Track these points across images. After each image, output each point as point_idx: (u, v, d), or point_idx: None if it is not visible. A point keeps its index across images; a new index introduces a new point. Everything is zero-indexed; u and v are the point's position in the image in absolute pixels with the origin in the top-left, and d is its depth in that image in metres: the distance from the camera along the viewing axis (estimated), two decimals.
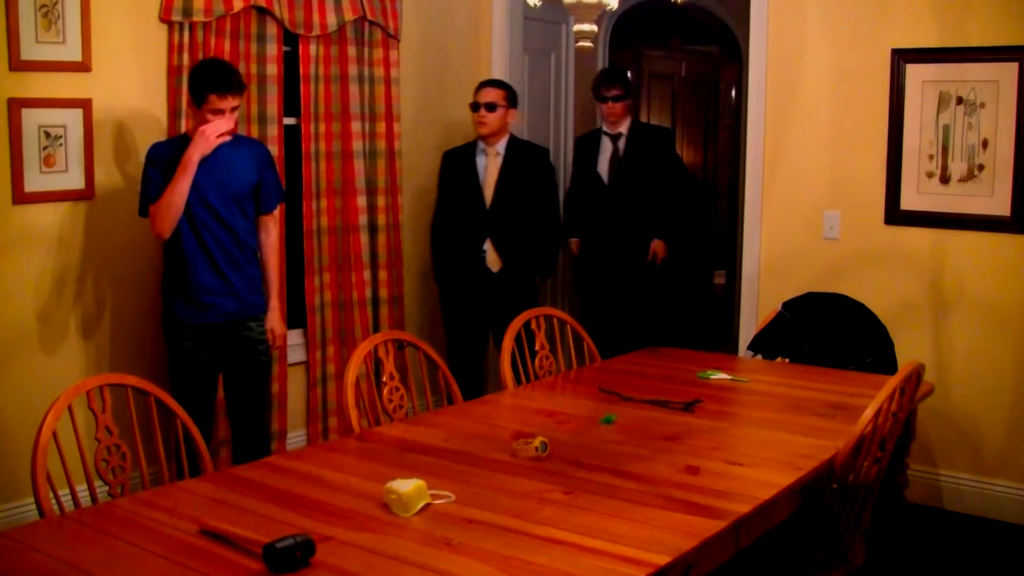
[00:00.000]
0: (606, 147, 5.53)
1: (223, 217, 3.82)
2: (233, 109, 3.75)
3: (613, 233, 5.49)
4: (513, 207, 4.99)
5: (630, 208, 5.46)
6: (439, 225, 5.16)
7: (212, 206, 3.77)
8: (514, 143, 5.06)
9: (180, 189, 3.68)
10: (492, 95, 4.96)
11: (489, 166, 5.00)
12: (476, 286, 5.01)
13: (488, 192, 4.98)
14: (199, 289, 3.81)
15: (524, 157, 5.04)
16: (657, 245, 5.49)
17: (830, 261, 4.70)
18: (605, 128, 5.57)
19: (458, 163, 5.07)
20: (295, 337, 4.80)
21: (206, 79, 3.72)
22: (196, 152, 3.66)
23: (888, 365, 3.90)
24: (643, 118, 7.14)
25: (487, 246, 4.98)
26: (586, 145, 5.65)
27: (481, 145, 5.04)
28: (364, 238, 4.94)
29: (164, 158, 3.72)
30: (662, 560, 2.03)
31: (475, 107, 4.97)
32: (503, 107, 4.96)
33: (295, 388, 4.82)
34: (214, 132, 3.67)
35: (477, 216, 4.98)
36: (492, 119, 4.94)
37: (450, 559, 2.04)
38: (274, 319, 4.07)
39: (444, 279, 5.16)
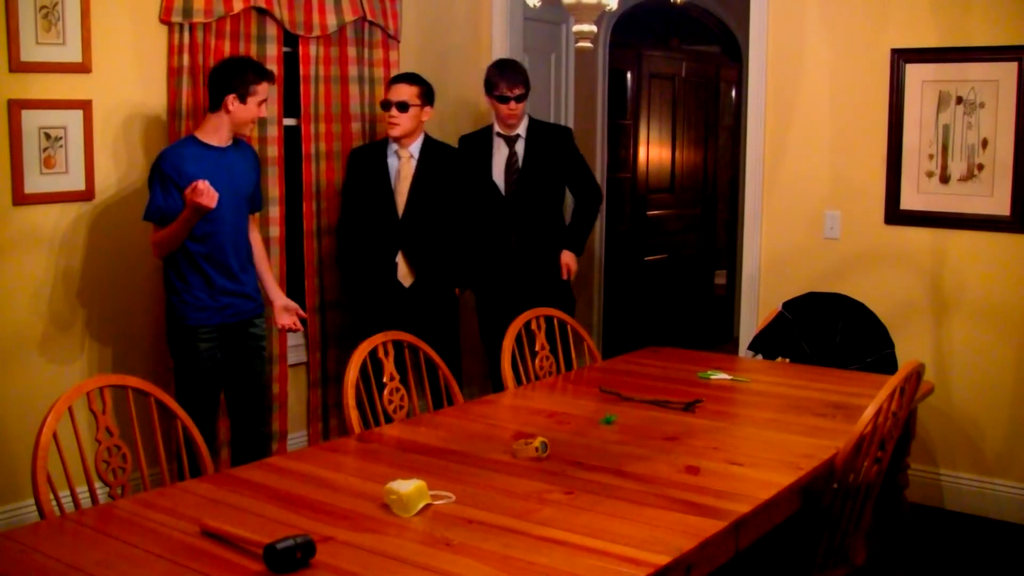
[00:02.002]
0: (500, 151, 4.87)
1: (234, 219, 3.86)
2: None
3: (516, 250, 4.86)
4: (428, 215, 4.50)
5: (534, 220, 4.84)
6: (345, 233, 4.61)
7: (224, 208, 3.79)
8: (429, 144, 4.55)
9: (177, 236, 3.72)
10: (405, 92, 4.42)
11: (402, 170, 4.49)
12: (388, 302, 4.52)
13: (400, 199, 4.48)
14: (216, 290, 3.83)
15: (438, 159, 4.55)
16: (568, 258, 4.88)
17: (830, 261, 4.70)
18: (499, 129, 4.90)
19: (367, 163, 4.54)
20: (295, 338, 4.80)
21: (255, 70, 3.82)
22: (195, 217, 3.66)
23: (888, 365, 3.90)
24: (643, 119, 7.12)
25: (398, 259, 4.50)
26: (474, 147, 4.93)
27: (393, 146, 4.51)
28: None
29: (174, 167, 3.72)
30: (662, 560, 2.03)
31: (386, 105, 4.45)
32: (417, 106, 4.43)
33: (295, 389, 4.83)
34: (211, 198, 3.59)
35: (388, 225, 4.49)
36: (405, 120, 4.41)
37: (450, 559, 2.04)
38: (288, 301, 4.14)
39: (353, 294, 4.68)
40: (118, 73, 4.06)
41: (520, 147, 4.88)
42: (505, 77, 4.81)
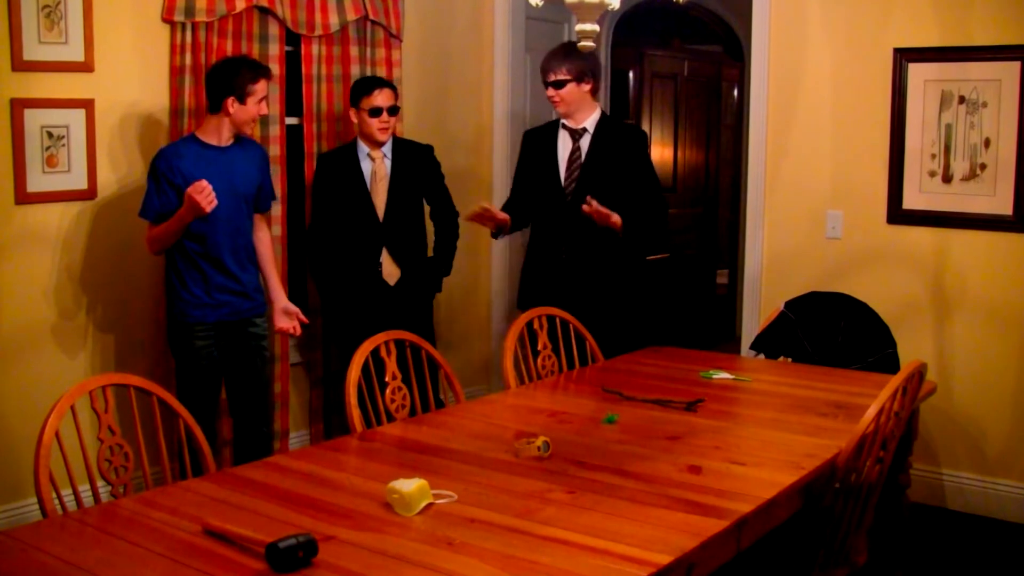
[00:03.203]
0: (564, 144, 4.47)
1: (233, 218, 3.86)
2: None
3: (565, 262, 4.46)
4: (406, 212, 4.52)
5: (593, 227, 4.35)
6: (319, 236, 4.55)
7: (223, 207, 3.80)
8: (398, 144, 4.55)
9: (172, 233, 3.76)
10: (392, 97, 4.44)
11: (377, 171, 4.48)
12: (372, 300, 4.49)
13: (379, 199, 4.47)
14: (213, 288, 3.84)
15: (411, 157, 4.55)
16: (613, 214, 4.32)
17: (832, 260, 4.70)
18: (564, 121, 4.48)
19: (339, 168, 4.49)
20: (298, 337, 4.79)
21: (251, 68, 3.83)
22: (189, 216, 3.69)
23: (890, 364, 3.90)
24: (645, 119, 7.11)
25: (383, 257, 4.49)
26: (538, 140, 4.58)
27: (365, 148, 4.48)
28: None
29: (169, 165, 3.74)
30: (664, 559, 2.03)
31: (376, 112, 4.38)
32: (400, 108, 4.52)
33: (297, 388, 4.83)
34: (209, 202, 3.65)
35: (369, 225, 4.47)
36: (394, 123, 4.49)
37: (452, 559, 2.04)
38: (288, 304, 4.15)
39: (333, 294, 4.59)
40: (120, 72, 4.07)
41: (585, 142, 4.44)
42: (548, 60, 4.43)
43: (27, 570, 2.03)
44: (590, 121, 4.44)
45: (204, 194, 3.60)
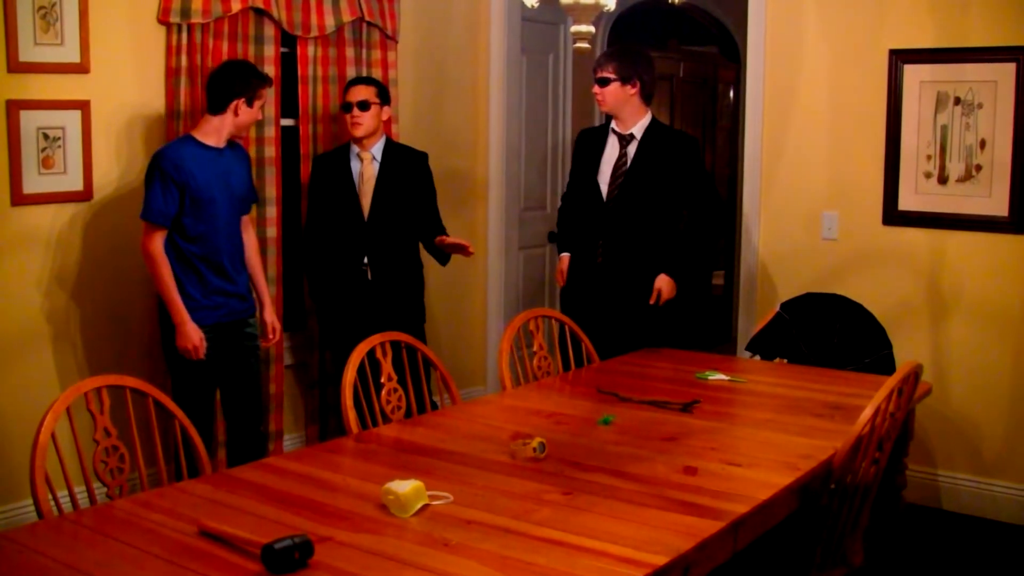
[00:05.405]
0: (611, 150, 4.45)
1: (231, 220, 3.87)
2: None
3: (608, 263, 4.42)
4: (393, 217, 4.50)
5: (631, 235, 4.39)
6: (312, 237, 4.60)
7: (221, 209, 3.80)
8: (391, 147, 4.56)
9: (161, 289, 3.77)
10: (364, 92, 4.46)
11: (365, 172, 4.49)
12: (356, 302, 4.50)
13: (365, 201, 4.48)
14: (210, 290, 3.83)
15: (402, 162, 4.54)
16: (661, 282, 4.37)
17: (828, 262, 4.71)
18: (614, 125, 4.47)
19: (331, 168, 4.54)
20: (293, 338, 4.80)
21: (258, 75, 3.88)
22: (178, 329, 3.76)
23: (886, 365, 3.90)
24: None
25: (367, 260, 4.50)
26: (589, 142, 4.56)
27: (355, 149, 4.51)
28: None
29: (174, 166, 3.71)
30: (660, 560, 2.03)
31: (346, 107, 4.45)
32: (376, 104, 4.46)
33: (293, 389, 4.82)
34: (195, 353, 3.78)
35: (354, 227, 4.48)
36: (367, 118, 4.43)
37: (448, 560, 2.04)
38: (270, 314, 4.13)
39: (322, 295, 4.63)
40: (116, 73, 4.06)
41: (632, 149, 4.40)
42: (599, 57, 4.45)
43: (23, 572, 2.03)
44: (638, 127, 4.43)
45: (195, 351, 3.76)
